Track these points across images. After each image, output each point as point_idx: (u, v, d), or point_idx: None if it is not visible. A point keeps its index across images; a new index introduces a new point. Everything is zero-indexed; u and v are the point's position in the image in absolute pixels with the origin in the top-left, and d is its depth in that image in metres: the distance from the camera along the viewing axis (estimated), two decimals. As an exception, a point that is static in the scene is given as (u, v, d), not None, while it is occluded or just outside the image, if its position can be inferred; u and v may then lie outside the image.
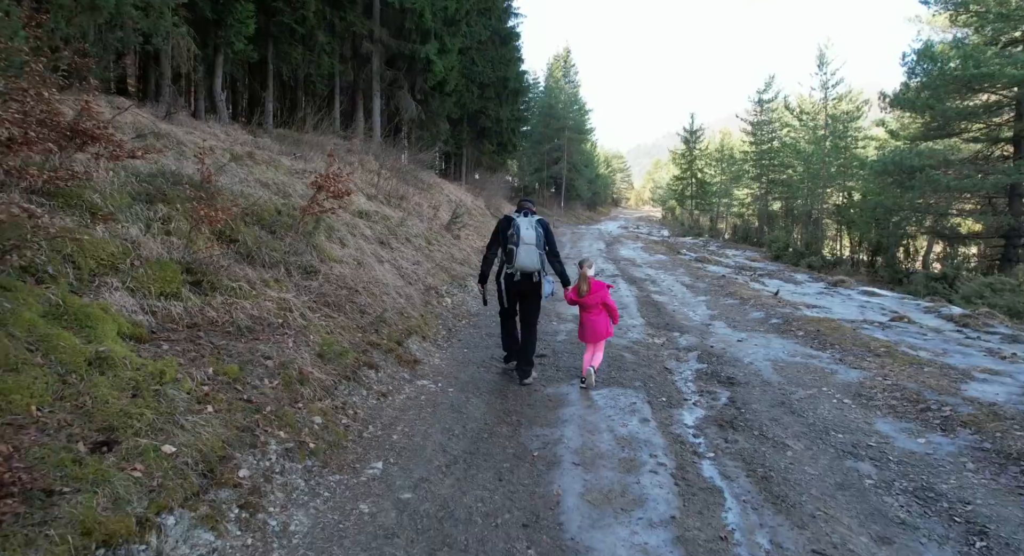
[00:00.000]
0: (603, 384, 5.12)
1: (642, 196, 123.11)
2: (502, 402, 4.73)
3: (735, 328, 7.34)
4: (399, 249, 8.63)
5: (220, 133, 11.39)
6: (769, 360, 5.80)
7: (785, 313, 7.98)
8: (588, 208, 58.63)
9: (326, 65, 16.87)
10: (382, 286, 6.47)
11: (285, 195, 7.81)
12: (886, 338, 6.53)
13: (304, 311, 4.92)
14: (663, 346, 6.56)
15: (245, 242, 5.44)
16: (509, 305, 5.30)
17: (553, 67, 49.82)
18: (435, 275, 8.60)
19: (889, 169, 15.44)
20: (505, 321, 5.46)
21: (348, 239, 7.32)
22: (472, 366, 5.62)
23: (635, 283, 11.03)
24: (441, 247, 10.56)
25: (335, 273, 6.00)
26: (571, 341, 6.58)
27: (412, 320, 6.24)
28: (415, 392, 4.78)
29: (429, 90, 20.87)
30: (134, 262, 3.91)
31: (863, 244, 21.51)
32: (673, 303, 9.06)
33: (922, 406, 4.40)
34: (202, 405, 3.13)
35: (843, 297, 10.20)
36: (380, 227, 9.10)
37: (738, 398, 4.78)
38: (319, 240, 6.40)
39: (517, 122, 30.80)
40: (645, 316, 8.05)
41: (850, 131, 23.70)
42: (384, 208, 10.86)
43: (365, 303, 5.79)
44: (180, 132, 8.96)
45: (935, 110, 14.44)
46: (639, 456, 3.73)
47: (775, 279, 12.95)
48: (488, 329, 7.06)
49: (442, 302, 7.72)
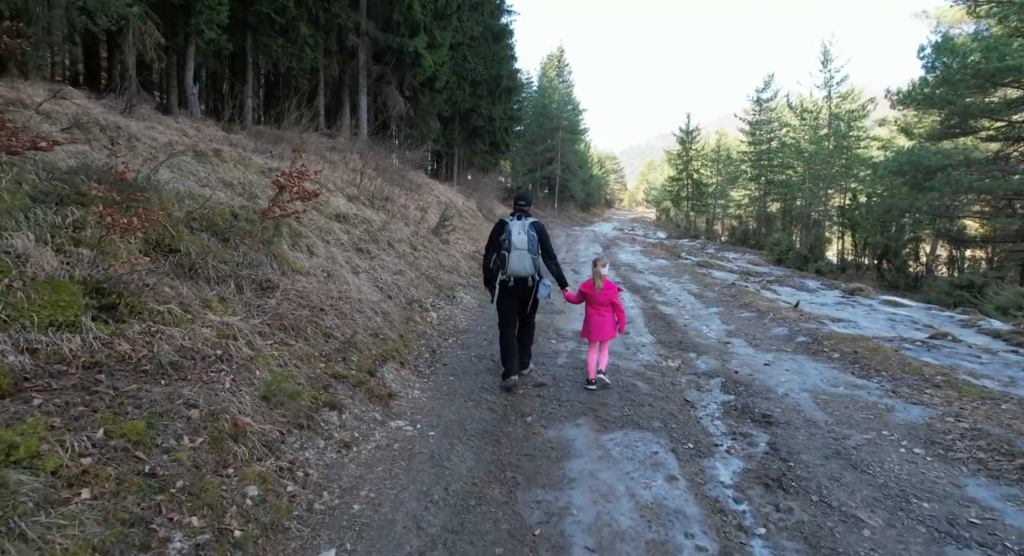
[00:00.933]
0: (616, 424, 4.26)
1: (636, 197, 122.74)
2: (494, 450, 3.86)
3: (758, 348, 6.50)
4: (379, 257, 7.74)
5: (190, 129, 10.45)
6: (807, 391, 4.95)
7: (811, 329, 7.15)
8: (582, 209, 57.81)
9: (309, 59, 15.91)
10: (355, 302, 5.57)
11: (251, 196, 6.93)
12: (937, 362, 5.71)
13: (253, 338, 4.04)
14: (679, 371, 5.71)
15: (188, 252, 4.55)
16: (508, 311, 5.05)
17: (547, 66, 48.98)
18: (419, 286, 7.71)
19: (905, 169, 14.66)
20: (503, 332, 5.07)
21: (318, 246, 6.42)
22: (459, 399, 4.74)
23: (639, 292, 10.18)
24: (428, 253, 9.67)
25: (298, 288, 5.10)
26: (574, 365, 5.72)
27: (389, 342, 5.35)
28: (387, 438, 3.90)
29: (418, 86, 19.99)
30: (13, 283, 3.01)
31: (868, 247, 20.79)
32: (683, 316, 8.21)
33: (1022, 462, 3.56)
34: (73, 491, 2.25)
35: (865, 308, 9.39)
36: (359, 232, 8.21)
37: (781, 443, 3.93)
38: (281, 249, 5.51)
39: (510, 121, 29.94)
40: (655, 332, 7.20)
41: (854, 130, 22.96)
42: (366, 210, 9.98)
43: (332, 325, 4.90)
44: (138, 126, 8.05)
45: (955, 106, 13.64)
46: (671, 537, 2.87)
47: (786, 286, 12.15)
48: (479, 350, 6.19)
49: (426, 317, 6.84)
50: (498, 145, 29.65)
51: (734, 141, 45.98)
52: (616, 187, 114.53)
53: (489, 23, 26.10)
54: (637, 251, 19.35)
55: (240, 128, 14.69)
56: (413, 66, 18.61)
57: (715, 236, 36.81)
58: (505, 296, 5.03)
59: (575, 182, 51.12)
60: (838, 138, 23.08)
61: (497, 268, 5.02)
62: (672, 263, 15.20)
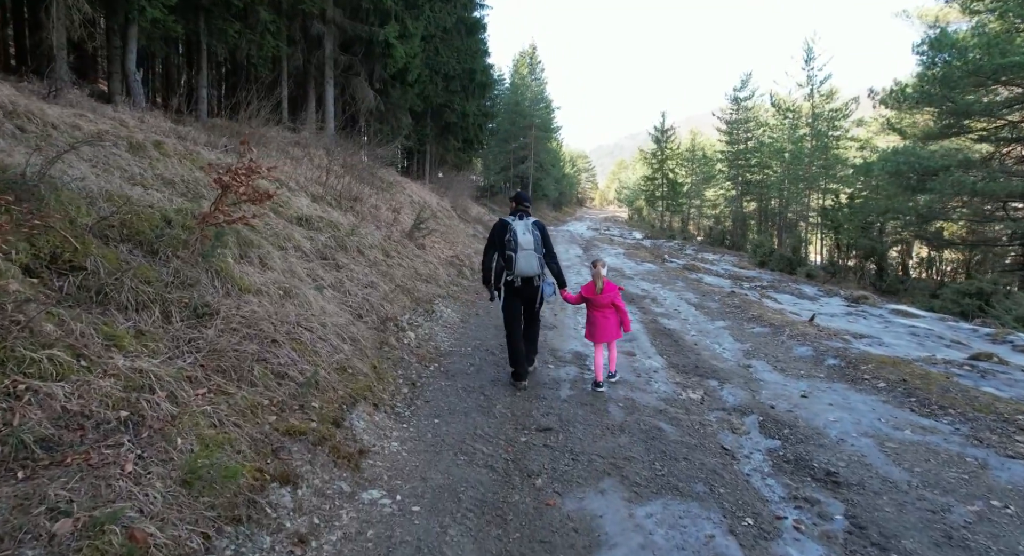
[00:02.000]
0: (650, 488, 3.38)
1: (607, 196, 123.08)
2: (500, 533, 2.93)
3: (785, 373, 5.70)
4: (348, 267, 6.73)
5: (130, 118, 9.25)
6: (868, 435, 4.13)
7: (837, 349, 6.39)
8: (554, 208, 57.15)
9: (270, 46, 14.65)
10: (317, 328, 4.57)
11: (196, 197, 5.87)
12: (1004, 393, 4.96)
13: (178, 387, 3.03)
14: (704, 404, 4.86)
15: (97, 270, 3.51)
16: (515, 312, 5.04)
17: (519, 63, 48.09)
18: (394, 300, 6.73)
19: (902, 170, 14.15)
20: (511, 333, 5.07)
21: (274, 257, 5.38)
22: (447, 452, 3.80)
23: (634, 302, 9.34)
24: (403, 260, 8.68)
25: (245, 313, 4.08)
26: (581, 400, 4.83)
27: (359, 378, 4.37)
28: (358, 520, 2.94)
29: (389, 79, 18.89)
30: None
31: (850, 250, 20.45)
32: (689, 331, 7.40)
33: None
34: None
35: (879, 320, 8.72)
36: (324, 237, 7.19)
37: (863, 517, 3.09)
38: (224, 262, 4.47)
39: (484, 117, 28.97)
40: (664, 353, 6.35)
41: (836, 130, 22.60)
42: (332, 212, 8.93)
43: (287, 360, 3.90)
44: (62, 113, 6.93)
45: (956, 104, 13.16)
46: None
47: (783, 293, 11.48)
48: (465, 379, 5.25)
49: (403, 339, 5.86)
50: (471, 142, 28.67)
51: (708, 139, 45.85)
52: (587, 186, 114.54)
53: (462, 15, 25.06)
54: (620, 254, 18.59)
55: (194, 120, 13.46)
56: (383, 57, 17.52)
57: (690, 237, 36.40)
58: (512, 297, 5.01)
59: (548, 181, 50.45)
60: (819, 137, 22.70)
61: (501, 269, 4.98)
62: (660, 267, 14.44)
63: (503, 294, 5.04)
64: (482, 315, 8.04)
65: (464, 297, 8.90)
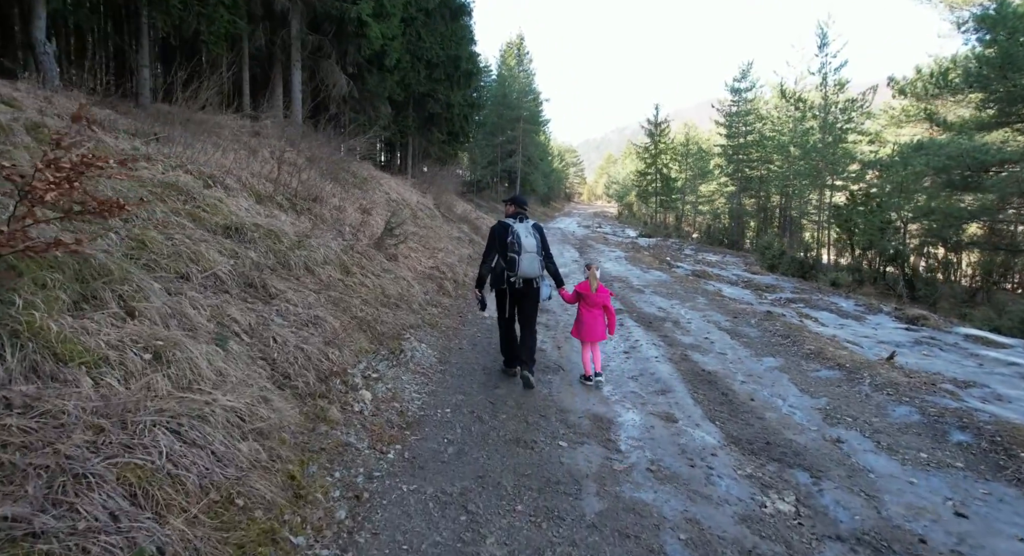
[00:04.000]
0: None
1: (595, 191, 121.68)
2: None
3: (900, 456, 3.97)
4: (283, 296, 4.95)
5: (30, 99, 7.45)
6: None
7: (952, 410, 4.68)
8: (543, 203, 55.44)
9: (223, 22, 12.70)
10: (192, 424, 2.79)
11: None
12: None
13: None
14: (803, 526, 3.16)
15: None
16: (510, 310, 5.21)
17: (506, 54, 46.16)
18: (346, 341, 4.95)
19: (948, 165, 12.54)
20: (504, 328, 5.32)
21: (152, 293, 3.59)
22: None
23: (652, 327, 7.60)
24: (367, 278, 6.90)
25: (56, 414, 2.31)
26: (618, 525, 3.13)
27: (256, 515, 2.62)
28: None
29: (365, 63, 17.04)
30: None
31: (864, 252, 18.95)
32: (735, 375, 5.69)
33: None
34: None
35: (959, 352, 7.00)
36: (257, 253, 5.40)
37: None
38: (30, 317, 2.69)
39: (470, 108, 27.11)
40: (714, 417, 4.64)
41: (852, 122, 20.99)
42: (280, 216, 7.15)
43: (96, 519, 2.13)
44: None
45: (1018, 87, 11.50)
46: None
47: (819, 309, 9.83)
48: (441, 478, 3.50)
49: (352, 406, 4.10)
50: (457, 135, 26.85)
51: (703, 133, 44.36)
52: (576, 181, 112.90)
53: (445, -3, 23.19)
54: (621, 257, 16.85)
55: (133, 105, 11.58)
56: (356, 37, 15.67)
57: (685, 235, 34.83)
58: (509, 297, 5.15)
59: (537, 175, 48.77)
60: (831, 129, 21.09)
61: (501, 270, 5.04)
62: (670, 276, 12.69)
63: (496, 296, 5.21)
64: (466, 349, 6.32)
65: (444, 323, 7.16)
